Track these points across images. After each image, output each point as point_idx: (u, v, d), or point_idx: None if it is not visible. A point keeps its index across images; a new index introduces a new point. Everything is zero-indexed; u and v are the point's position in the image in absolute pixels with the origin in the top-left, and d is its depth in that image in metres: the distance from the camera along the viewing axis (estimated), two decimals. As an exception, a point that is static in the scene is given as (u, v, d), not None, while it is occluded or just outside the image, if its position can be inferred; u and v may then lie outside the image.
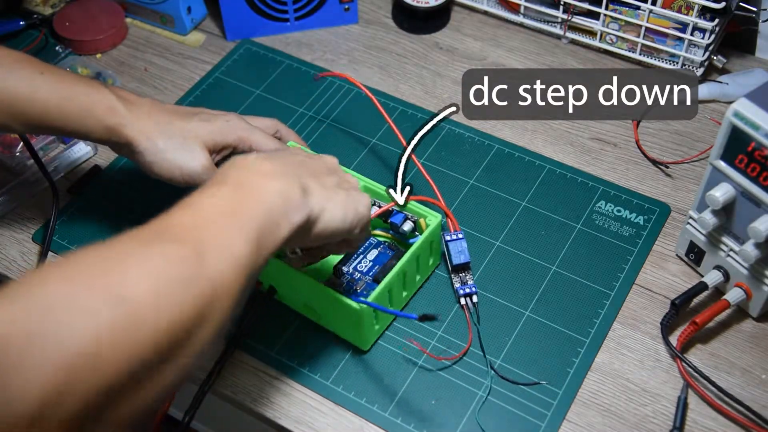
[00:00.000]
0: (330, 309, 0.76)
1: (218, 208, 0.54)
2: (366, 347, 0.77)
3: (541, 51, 1.06)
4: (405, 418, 0.74)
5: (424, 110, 0.99)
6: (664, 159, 0.93)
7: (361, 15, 1.12)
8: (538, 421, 0.73)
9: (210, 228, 0.52)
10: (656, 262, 0.84)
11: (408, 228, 0.79)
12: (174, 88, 1.03)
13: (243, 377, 0.77)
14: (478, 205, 0.89)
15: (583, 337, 0.78)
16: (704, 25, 0.95)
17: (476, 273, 0.83)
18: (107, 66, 1.07)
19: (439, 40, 1.09)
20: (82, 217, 0.90)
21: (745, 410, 0.72)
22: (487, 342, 0.78)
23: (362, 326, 0.74)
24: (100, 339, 0.43)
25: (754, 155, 0.70)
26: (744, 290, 0.77)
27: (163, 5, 1.08)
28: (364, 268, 0.80)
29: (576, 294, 0.81)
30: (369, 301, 0.71)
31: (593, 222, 0.87)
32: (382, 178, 0.92)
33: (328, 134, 0.97)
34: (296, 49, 1.08)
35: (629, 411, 0.74)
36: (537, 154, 0.94)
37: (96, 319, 0.43)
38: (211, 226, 0.52)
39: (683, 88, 1.00)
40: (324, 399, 0.75)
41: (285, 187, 0.59)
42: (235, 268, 0.51)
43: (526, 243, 0.86)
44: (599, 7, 1.00)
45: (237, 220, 0.54)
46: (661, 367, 0.77)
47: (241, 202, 0.55)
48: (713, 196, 0.73)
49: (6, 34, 1.09)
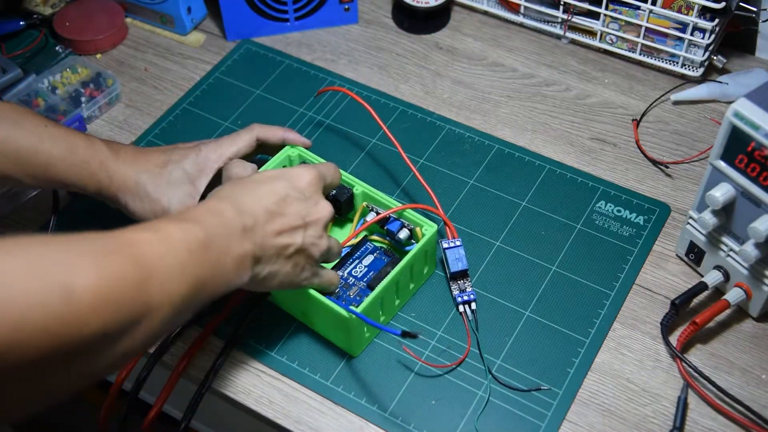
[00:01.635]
0: (321, 315, 0.76)
1: (183, 247, 0.58)
2: (356, 353, 0.77)
3: (541, 51, 1.06)
4: (405, 419, 0.74)
5: (424, 110, 0.99)
6: (664, 159, 0.93)
7: (361, 15, 1.12)
8: (538, 422, 0.73)
9: (167, 260, 0.56)
10: (656, 262, 0.84)
11: (404, 236, 0.79)
12: (174, 88, 1.03)
13: (243, 377, 0.77)
14: (478, 205, 0.89)
15: (583, 337, 0.78)
16: (704, 25, 0.95)
17: (476, 273, 0.83)
18: (107, 66, 1.07)
19: (439, 40, 1.09)
20: (82, 217, 0.90)
21: (745, 410, 0.72)
22: (487, 342, 0.78)
23: (352, 334, 0.74)
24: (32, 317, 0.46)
25: (754, 155, 0.70)
26: (744, 290, 0.77)
27: (163, 5, 1.08)
28: (359, 273, 0.80)
29: (576, 294, 0.81)
30: (359, 310, 0.72)
31: (593, 222, 0.87)
32: (382, 178, 0.92)
33: (328, 134, 0.97)
34: (296, 49, 1.08)
35: (629, 411, 0.74)
36: (537, 154, 0.94)
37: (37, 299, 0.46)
38: (170, 259, 0.56)
39: (683, 88, 1.00)
40: (324, 399, 0.75)
41: (241, 257, 0.63)
42: (171, 305, 0.55)
43: (526, 243, 0.86)
44: (599, 7, 1.00)
45: (191, 266, 0.58)
46: (661, 367, 0.77)
47: (202, 254, 0.59)
48: (713, 196, 0.73)
49: (6, 34, 1.09)
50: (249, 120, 0.98)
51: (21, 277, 0.46)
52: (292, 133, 0.85)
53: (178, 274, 0.56)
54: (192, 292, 0.58)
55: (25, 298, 0.46)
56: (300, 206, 0.69)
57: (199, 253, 0.59)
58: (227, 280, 0.62)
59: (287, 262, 0.68)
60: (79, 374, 0.51)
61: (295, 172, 0.71)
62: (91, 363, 0.51)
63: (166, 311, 0.55)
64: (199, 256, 0.59)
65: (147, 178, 0.78)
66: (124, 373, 0.75)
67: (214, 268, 0.60)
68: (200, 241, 0.59)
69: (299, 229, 0.69)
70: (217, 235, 0.61)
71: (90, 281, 0.49)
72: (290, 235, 0.68)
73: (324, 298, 0.73)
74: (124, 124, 1.00)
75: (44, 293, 0.46)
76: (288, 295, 0.78)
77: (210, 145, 0.83)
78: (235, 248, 0.63)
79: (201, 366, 0.77)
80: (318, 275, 0.73)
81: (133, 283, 0.52)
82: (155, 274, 0.54)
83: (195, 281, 0.58)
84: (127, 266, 0.52)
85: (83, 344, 0.48)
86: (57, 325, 0.46)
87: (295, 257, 0.69)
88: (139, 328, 0.53)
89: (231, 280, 0.63)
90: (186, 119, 1.00)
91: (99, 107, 1.00)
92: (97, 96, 0.99)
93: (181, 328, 0.79)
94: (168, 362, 0.77)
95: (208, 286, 0.60)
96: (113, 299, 0.50)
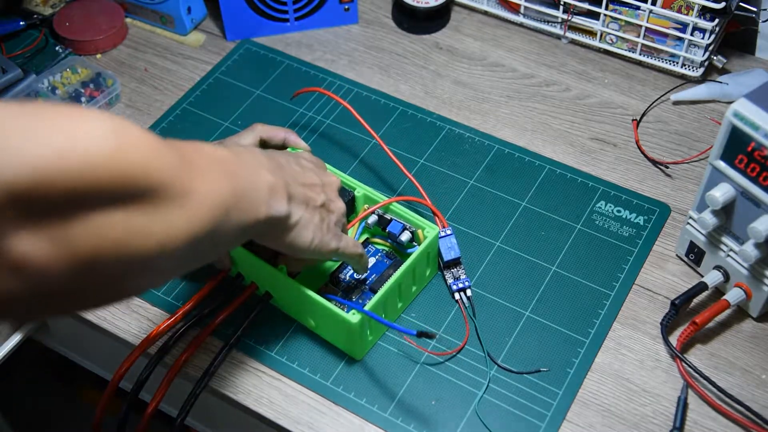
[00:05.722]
0: (323, 319, 0.76)
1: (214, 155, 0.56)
2: (359, 357, 0.77)
3: (541, 51, 1.06)
4: (405, 419, 0.74)
5: (424, 110, 0.99)
6: (664, 159, 0.93)
7: (361, 15, 1.12)
8: (538, 422, 0.73)
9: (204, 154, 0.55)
10: (656, 262, 0.84)
11: (405, 238, 0.79)
12: (174, 88, 1.03)
13: (243, 377, 0.77)
14: (478, 205, 0.89)
15: (583, 337, 0.78)
16: (704, 25, 0.95)
17: (476, 273, 0.83)
18: (107, 66, 1.07)
19: (439, 40, 1.09)
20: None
21: (745, 410, 0.72)
22: (487, 342, 0.78)
23: (355, 337, 0.74)
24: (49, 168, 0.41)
25: (753, 155, 0.70)
26: (744, 290, 0.77)
27: (163, 5, 1.08)
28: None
29: (576, 294, 0.81)
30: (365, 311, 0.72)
31: (593, 222, 0.87)
32: (382, 179, 0.92)
33: (328, 135, 0.97)
34: (296, 49, 1.08)
35: (629, 411, 0.74)
36: (537, 154, 0.94)
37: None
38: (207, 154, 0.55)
39: (683, 88, 1.00)
40: (324, 399, 0.75)
41: (273, 184, 0.61)
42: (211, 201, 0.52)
43: (526, 243, 0.86)
44: (599, 7, 1.00)
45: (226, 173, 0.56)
46: (661, 367, 0.77)
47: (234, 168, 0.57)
48: (713, 196, 0.73)
49: (6, 34, 1.09)
50: (249, 120, 0.98)
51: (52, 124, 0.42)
52: (293, 135, 0.85)
53: (216, 170, 0.54)
54: (230, 201, 0.54)
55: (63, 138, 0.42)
56: (316, 171, 0.72)
57: (231, 167, 0.57)
58: (263, 203, 0.59)
59: (314, 213, 0.68)
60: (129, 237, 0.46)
61: (299, 153, 0.74)
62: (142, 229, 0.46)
63: (206, 208, 0.51)
64: (232, 169, 0.56)
65: None
66: (122, 369, 0.75)
67: (248, 183, 0.58)
68: (230, 159, 0.57)
69: (318, 187, 0.70)
70: (245, 161, 0.60)
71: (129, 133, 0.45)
72: (312, 189, 0.68)
73: (327, 302, 0.73)
74: (124, 124, 1.00)
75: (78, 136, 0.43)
76: (290, 298, 0.78)
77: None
78: (266, 176, 0.61)
79: (200, 366, 0.77)
80: (341, 238, 0.72)
81: (170, 158, 0.48)
82: (195, 161, 0.52)
83: (232, 188, 0.55)
84: (162, 146, 0.48)
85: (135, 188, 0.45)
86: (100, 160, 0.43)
87: (321, 211, 0.69)
88: (179, 213, 0.49)
89: (268, 205, 0.60)
90: (186, 119, 1.00)
91: (99, 107, 1.00)
92: (97, 96, 0.99)
93: (182, 328, 0.78)
94: (169, 363, 0.77)
95: (244, 201, 0.57)
96: (151, 158, 0.46)
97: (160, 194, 0.47)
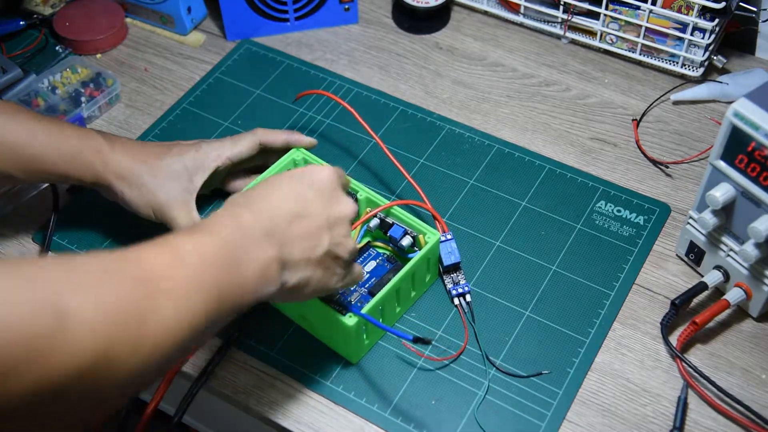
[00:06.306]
0: (321, 321, 0.76)
1: (195, 259, 0.54)
2: (355, 360, 0.77)
3: (541, 51, 1.06)
4: (405, 418, 0.74)
5: (424, 110, 0.99)
6: (664, 159, 0.93)
7: (361, 15, 1.12)
8: (538, 421, 0.73)
9: (179, 275, 0.52)
10: (656, 262, 0.84)
11: (407, 243, 0.79)
12: (174, 88, 1.03)
13: (243, 377, 0.77)
14: (478, 205, 0.89)
15: (583, 337, 0.78)
16: (704, 25, 0.95)
17: (476, 273, 0.83)
18: (107, 66, 1.07)
19: (439, 40, 1.09)
20: (82, 217, 0.90)
21: (745, 410, 0.72)
22: (487, 342, 0.78)
23: (351, 340, 0.74)
24: (27, 340, 0.43)
25: (754, 155, 0.70)
26: (744, 290, 0.77)
27: (163, 5, 1.08)
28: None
29: (576, 294, 0.81)
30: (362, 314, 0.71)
31: (593, 222, 0.87)
32: (381, 179, 0.92)
33: (328, 135, 0.97)
34: (296, 49, 1.08)
35: (629, 411, 0.74)
36: (537, 154, 0.94)
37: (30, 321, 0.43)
38: (182, 273, 0.52)
39: (683, 88, 1.00)
40: (324, 399, 0.75)
41: (265, 262, 0.58)
42: (188, 322, 0.51)
43: (526, 243, 0.86)
44: (599, 7, 1.00)
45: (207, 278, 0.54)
46: (661, 367, 0.77)
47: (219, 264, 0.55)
48: (713, 196, 0.73)
49: (6, 34, 1.09)
50: (249, 120, 0.98)
51: (11, 298, 0.43)
52: (296, 135, 0.85)
53: (193, 289, 0.52)
54: (212, 306, 0.53)
55: (15, 320, 0.42)
56: (322, 205, 0.64)
57: (216, 263, 0.55)
58: (253, 290, 0.57)
59: (317, 267, 0.63)
60: (83, 402, 0.47)
61: (312, 170, 0.65)
62: (95, 389, 0.46)
63: (184, 329, 0.51)
64: (216, 267, 0.54)
65: (144, 169, 0.78)
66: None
67: (234, 278, 0.56)
68: (215, 250, 0.55)
69: (324, 230, 0.63)
70: (234, 242, 0.57)
71: (85, 304, 0.45)
72: (316, 236, 0.63)
73: (324, 304, 0.73)
74: (124, 124, 1.00)
75: (34, 315, 0.43)
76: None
77: (211, 143, 0.83)
78: (257, 254, 0.58)
79: (200, 365, 0.77)
80: (344, 276, 0.67)
81: (134, 305, 0.48)
82: (165, 292, 0.50)
83: (214, 294, 0.53)
84: (127, 287, 0.49)
85: (81, 368, 0.44)
86: (47, 348, 0.43)
87: (325, 260, 0.64)
88: (151, 350, 0.48)
89: (258, 289, 0.58)
90: (186, 119, 1.00)
91: (99, 107, 1.00)
92: (97, 96, 0.99)
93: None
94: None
95: (230, 298, 0.55)
96: (111, 321, 0.46)
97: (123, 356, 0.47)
